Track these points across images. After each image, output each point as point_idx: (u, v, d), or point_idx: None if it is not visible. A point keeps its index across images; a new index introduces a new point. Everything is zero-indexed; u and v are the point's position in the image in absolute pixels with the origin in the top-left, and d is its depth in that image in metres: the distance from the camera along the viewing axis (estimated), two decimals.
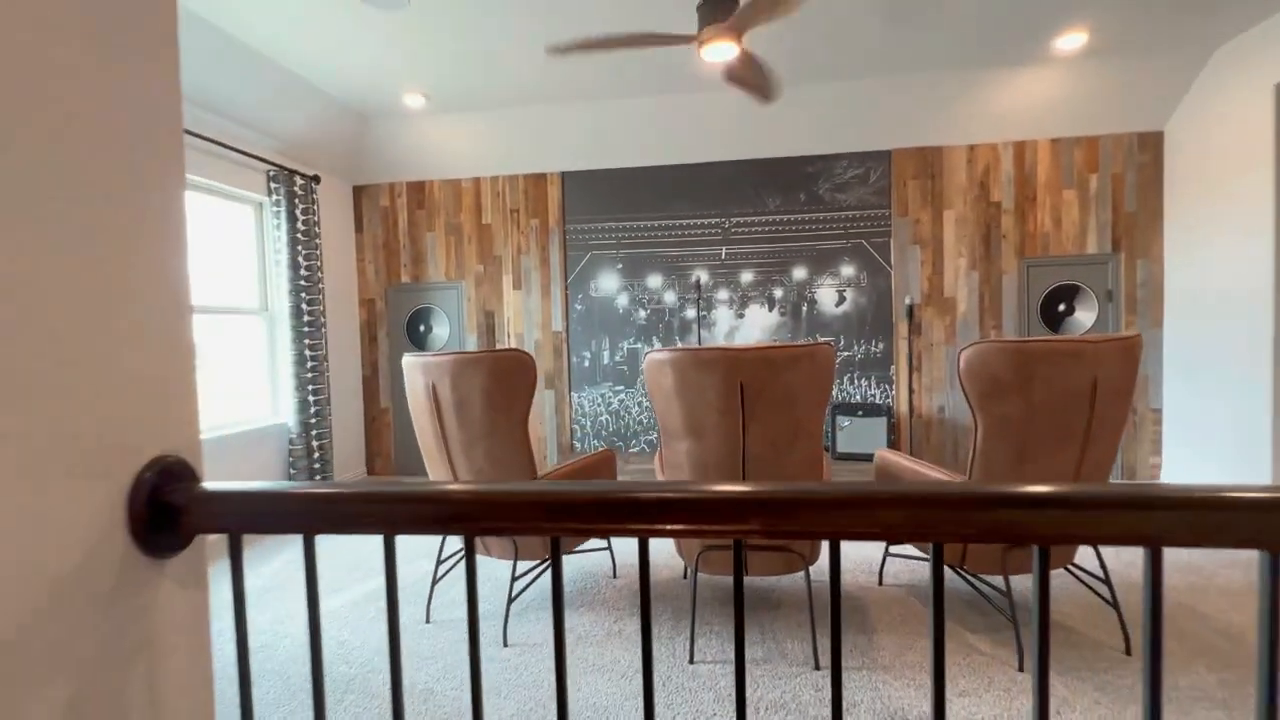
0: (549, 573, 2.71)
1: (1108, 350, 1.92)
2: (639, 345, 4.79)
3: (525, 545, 2.37)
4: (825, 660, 2.08)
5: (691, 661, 2.11)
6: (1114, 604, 2.17)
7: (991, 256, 4.37)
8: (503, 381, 2.20)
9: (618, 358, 4.81)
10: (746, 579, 2.62)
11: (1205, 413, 3.85)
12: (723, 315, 4.68)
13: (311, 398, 4.24)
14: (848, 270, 4.52)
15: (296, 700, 1.95)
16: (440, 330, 4.97)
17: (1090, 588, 2.24)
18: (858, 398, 4.54)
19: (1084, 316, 4.30)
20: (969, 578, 2.67)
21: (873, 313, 4.50)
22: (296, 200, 4.15)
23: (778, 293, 4.61)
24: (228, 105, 3.62)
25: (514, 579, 2.33)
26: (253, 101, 3.69)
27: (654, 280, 4.73)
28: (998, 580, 2.63)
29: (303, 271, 4.19)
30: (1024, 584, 2.58)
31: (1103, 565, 2.20)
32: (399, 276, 5.01)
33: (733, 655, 1.59)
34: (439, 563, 2.49)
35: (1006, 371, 1.95)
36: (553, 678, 2.02)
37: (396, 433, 5.07)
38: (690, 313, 4.71)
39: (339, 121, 4.26)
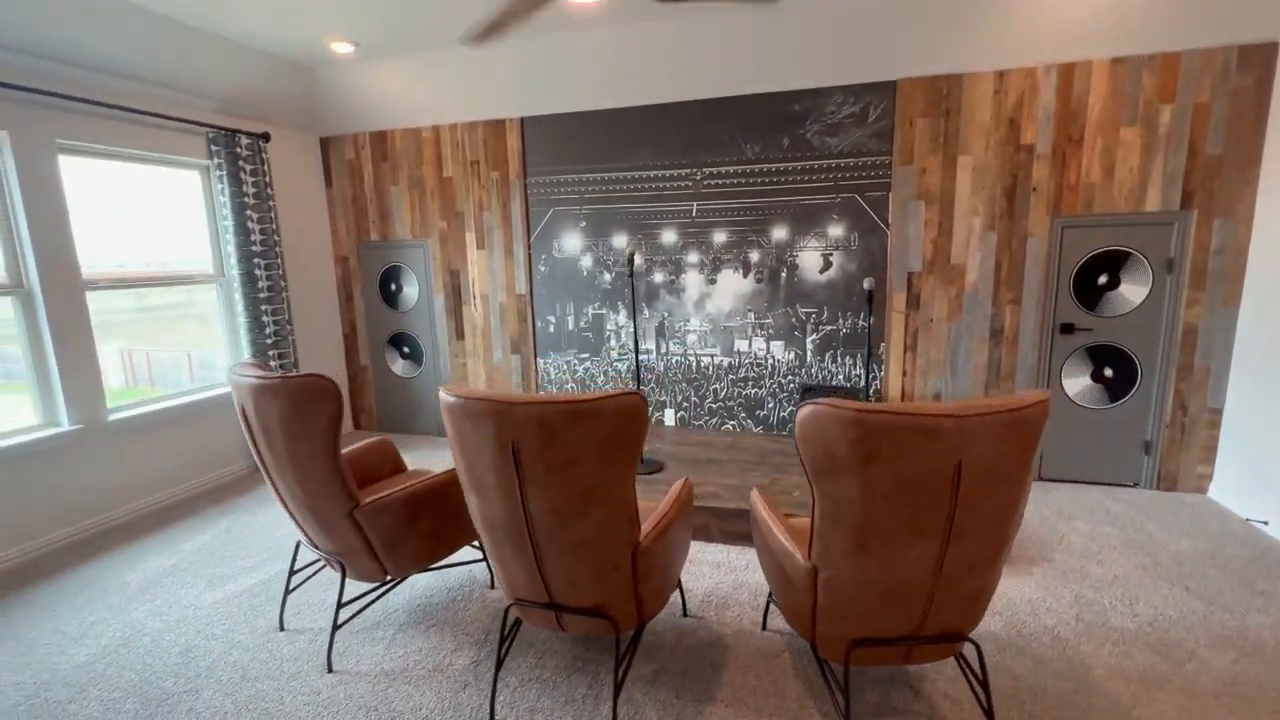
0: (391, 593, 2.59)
1: (982, 427, 1.41)
2: (604, 311, 4.43)
3: (356, 566, 2.26)
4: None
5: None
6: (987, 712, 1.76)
7: (1016, 214, 3.54)
8: (300, 410, 2.01)
9: (582, 323, 4.49)
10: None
11: (1277, 422, 3.04)
12: (693, 281, 4.20)
13: (274, 363, 4.31)
14: (836, 230, 3.86)
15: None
16: (410, 290, 4.85)
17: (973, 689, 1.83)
18: (840, 377, 4.00)
19: (1132, 292, 3.45)
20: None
21: (863, 280, 3.85)
22: (242, 162, 4.03)
23: (754, 255, 4.04)
24: (153, 74, 3.46)
25: (340, 605, 2.25)
26: (177, 66, 3.51)
27: (619, 240, 4.29)
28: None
29: (255, 235, 4.13)
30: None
31: (983, 667, 1.77)
32: (369, 234, 4.88)
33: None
34: (292, 572, 2.45)
35: (841, 445, 1.50)
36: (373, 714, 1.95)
37: (377, 391, 5.13)
38: (659, 276, 4.26)
39: (278, 75, 4.01)
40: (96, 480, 3.37)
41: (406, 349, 4.96)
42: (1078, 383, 3.61)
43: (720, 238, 4.08)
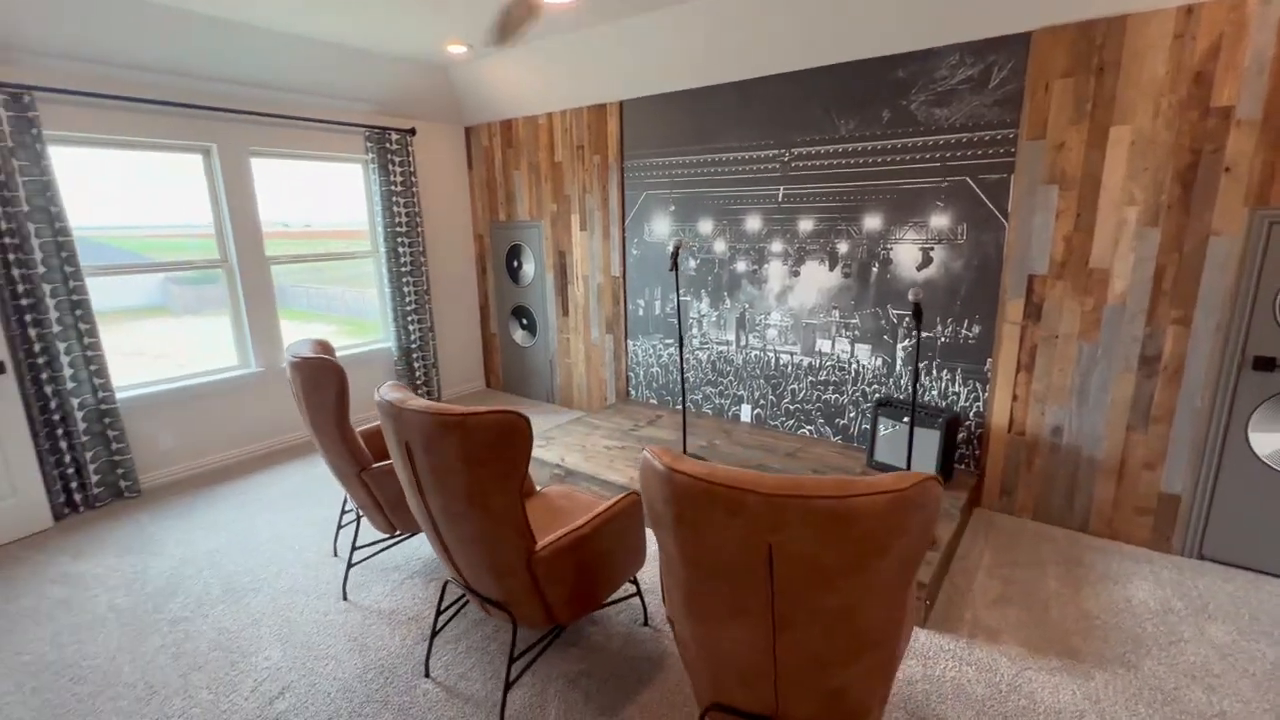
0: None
1: (794, 511, 1.19)
2: (688, 299, 4.35)
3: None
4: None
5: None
6: None
7: (1193, 205, 2.62)
8: (310, 385, 2.42)
9: (668, 309, 4.47)
10: None
11: None
12: (775, 271, 3.89)
13: (413, 328, 5.08)
14: (940, 220, 3.25)
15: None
16: (528, 267, 5.28)
17: None
18: (934, 393, 3.43)
19: None
20: None
21: (971, 281, 3.21)
22: (391, 155, 4.74)
23: (842, 247, 3.60)
24: (319, 87, 4.23)
25: (354, 547, 2.69)
26: (336, 79, 4.24)
27: (705, 225, 4.14)
28: None
29: (400, 218, 4.86)
30: None
31: None
32: (498, 214, 5.39)
33: None
34: (343, 511, 2.98)
35: (658, 500, 1.38)
36: None
37: (502, 355, 5.73)
38: (741, 265, 4.03)
39: (417, 76, 4.59)
40: (270, 413, 4.39)
41: (525, 320, 5.44)
42: (1273, 439, 2.62)
43: (806, 225, 3.70)
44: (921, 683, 2.14)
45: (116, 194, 3.68)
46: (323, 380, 2.39)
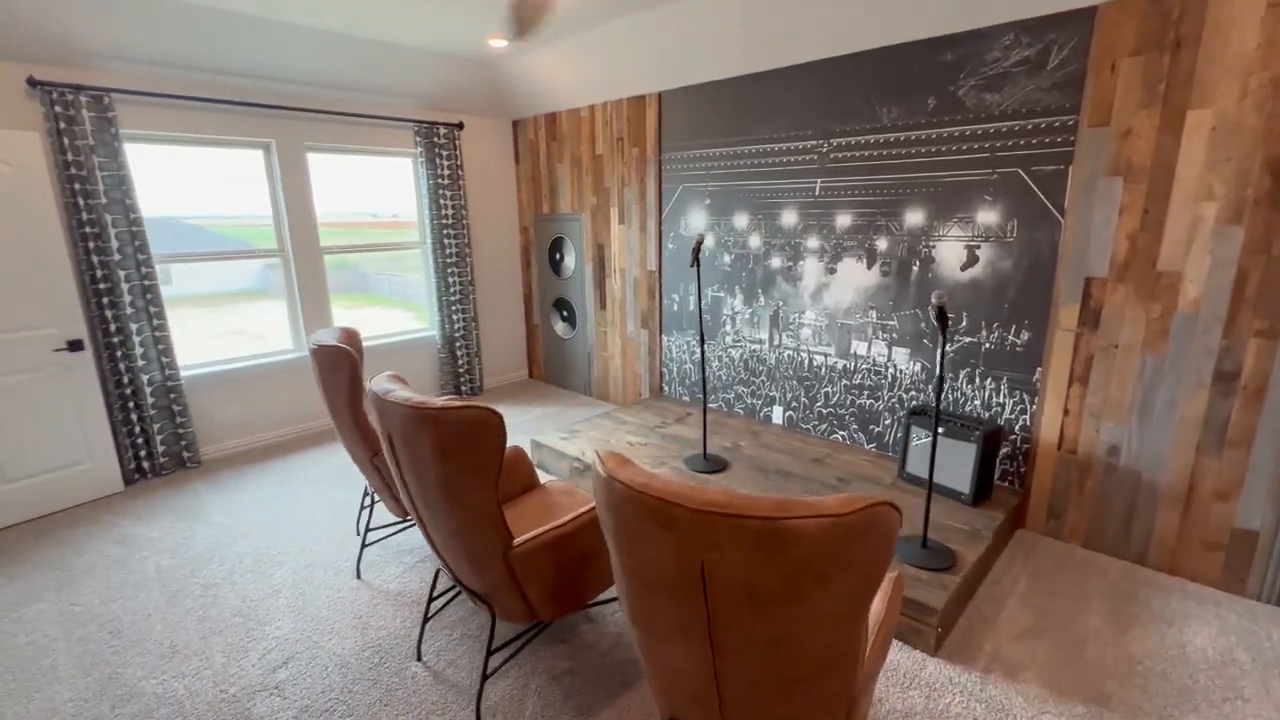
0: None
1: (725, 530, 1.11)
2: (722, 294, 4.23)
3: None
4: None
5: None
6: None
7: None
8: (327, 371, 2.53)
9: (703, 305, 4.37)
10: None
11: None
12: (811, 269, 3.72)
13: (457, 317, 5.23)
14: (988, 216, 2.99)
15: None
16: (569, 260, 5.31)
17: None
18: (977, 403, 3.17)
19: None
20: None
21: (1020, 283, 2.94)
22: (438, 149, 4.88)
23: (881, 243, 3.39)
24: (371, 84, 4.40)
25: (368, 529, 2.80)
26: (385, 76, 4.40)
27: (740, 220, 4.01)
28: None
29: (446, 210, 5.00)
30: None
31: None
32: (542, 207, 5.44)
33: None
34: (365, 493, 3.11)
35: (601, 505, 1.33)
36: None
37: (544, 346, 5.81)
38: (776, 261, 3.88)
39: (463, 71, 4.68)
40: (318, 396, 4.63)
41: (565, 313, 5.48)
42: None
43: (844, 220, 3.50)
44: (921, 716, 1.98)
45: (200, 185, 3.99)
46: (337, 366, 2.49)
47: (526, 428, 4.63)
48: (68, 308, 3.35)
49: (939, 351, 2.36)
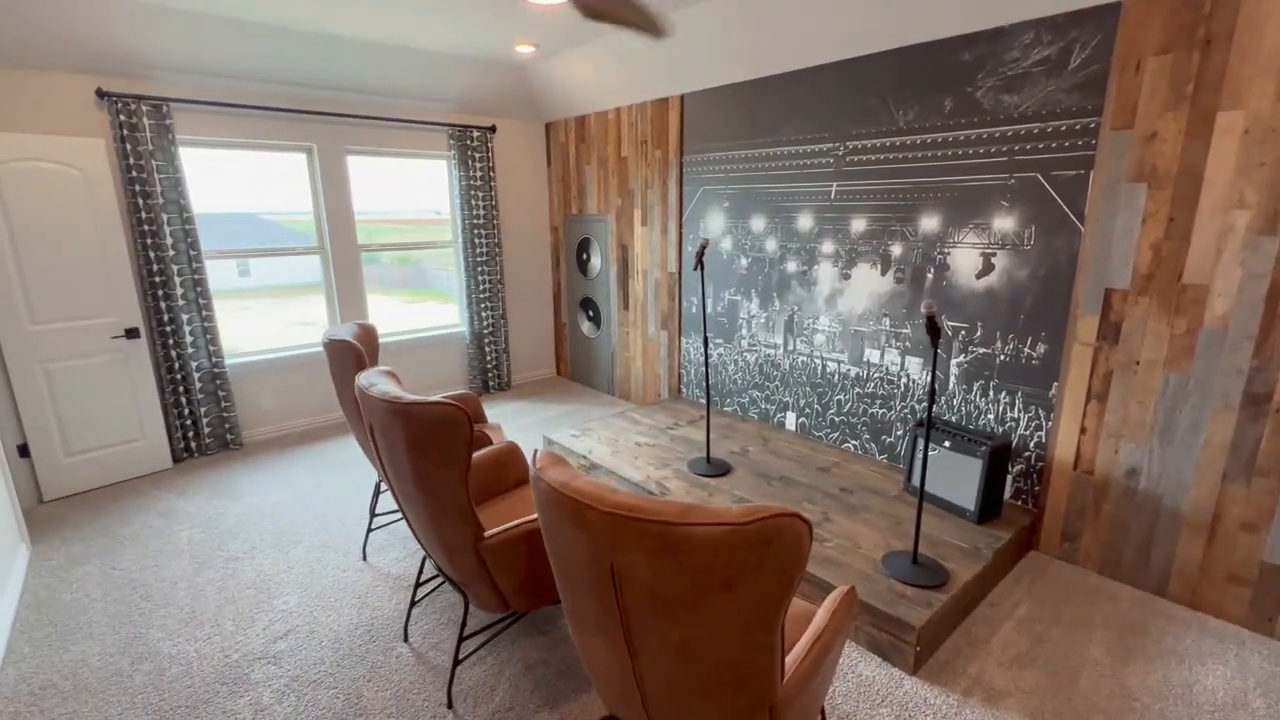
0: None
1: (629, 533, 1.14)
2: (739, 298, 4.21)
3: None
4: None
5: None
6: None
7: None
8: (336, 364, 2.69)
9: (719, 308, 4.36)
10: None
11: None
12: (825, 274, 3.66)
13: (486, 314, 5.40)
14: (1004, 223, 2.87)
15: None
16: (596, 260, 5.39)
17: None
18: (990, 417, 3.05)
19: None
20: None
21: (1037, 293, 2.81)
22: (471, 151, 5.05)
23: (895, 249, 3.30)
24: (407, 89, 4.61)
25: (374, 514, 2.95)
26: (420, 80, 4.60)
27: (757, 223, 3.98)
28: None
29: (478, 211, 5.18)
30: None
31: None
32: (571, 208, 5.55)
33: None
34: (372, 514, 3.27)
35: (535, 502, 1.39)
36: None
37: (571, 344, 5.92)
38: (792, 265, 3.83)
39: (495, 75, 4.83)
40: None
41: (591, 312, 5.57)
42: None
43: (859, 225, 3.43)
44: None
45: (267, 182, 4.30)
46: (344, 360, 2.64)
47: (545, 424, 4.74)
48: (126, 299, 3.68)
49: (932, 362, 2.29)
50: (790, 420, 4.03)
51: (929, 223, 3.13)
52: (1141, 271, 2.50)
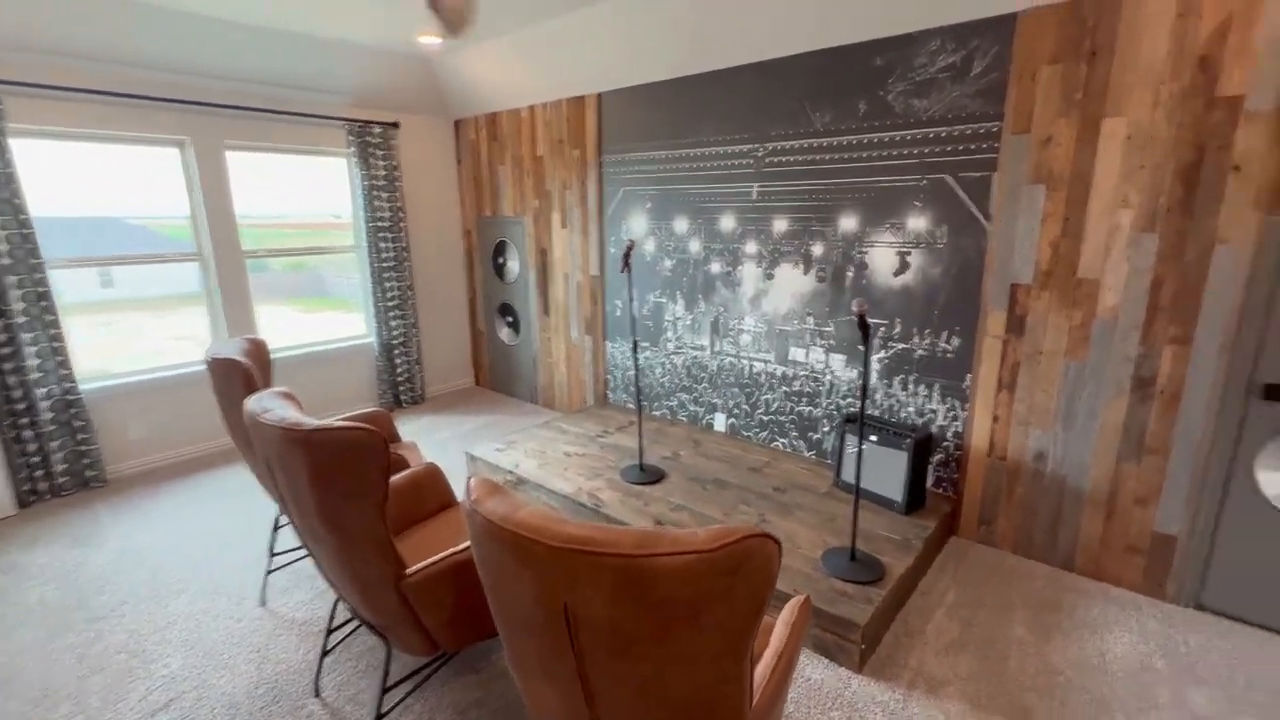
0: None
1: (585, 568, 1.01)
2: (664, 300, 4.15)
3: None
4: None
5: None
6: None
7: (1197, 208, 2.30)
8: (223, 385, 2.36)
9: (644, 311, 4.29)
10: None
11: None
12: (749, 274, 3.67)
13: (396, 323, 5.03)
14: (918, 222, 2.98)
15: None
16: (513, 263, 5.17)
17: None
18: (911, 410, 3.16)
19: None
20: None
21: (950, 290, 2.93)
22: (372, 149, 4.69)
23: (816, 249, 3.35)
24: (296, 79, 4.20)
25: (272, 554, 2.62)
26: (312, 71, 4.20)
27: (680, 224, 3.94)
28: None
29: (383, 213, 4.81)
30: None
31: None
32: (485, 209, 5.29)
33: None
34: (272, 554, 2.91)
35: (471, 538, 1.22)
36: None
37: (490, 352, 5.65)
38: (716, 266, 3.82)
39: (397, 68, 4.51)
40: None
41: (510, 318, 5.33)
42: None
43: (781, 225, 3.46)
44: None
45: (139, 184, 3.73)
46: (230, 380, 2.31)
47: (465, 439, 4.47)
48: None
49: (864, 359, 2.32)
50: (720, 421, 4.02)
51: (848, 223, 3.20)
52: (1042, 268, 2.66)
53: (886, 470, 2.96)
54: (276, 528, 2.79)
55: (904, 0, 2.72)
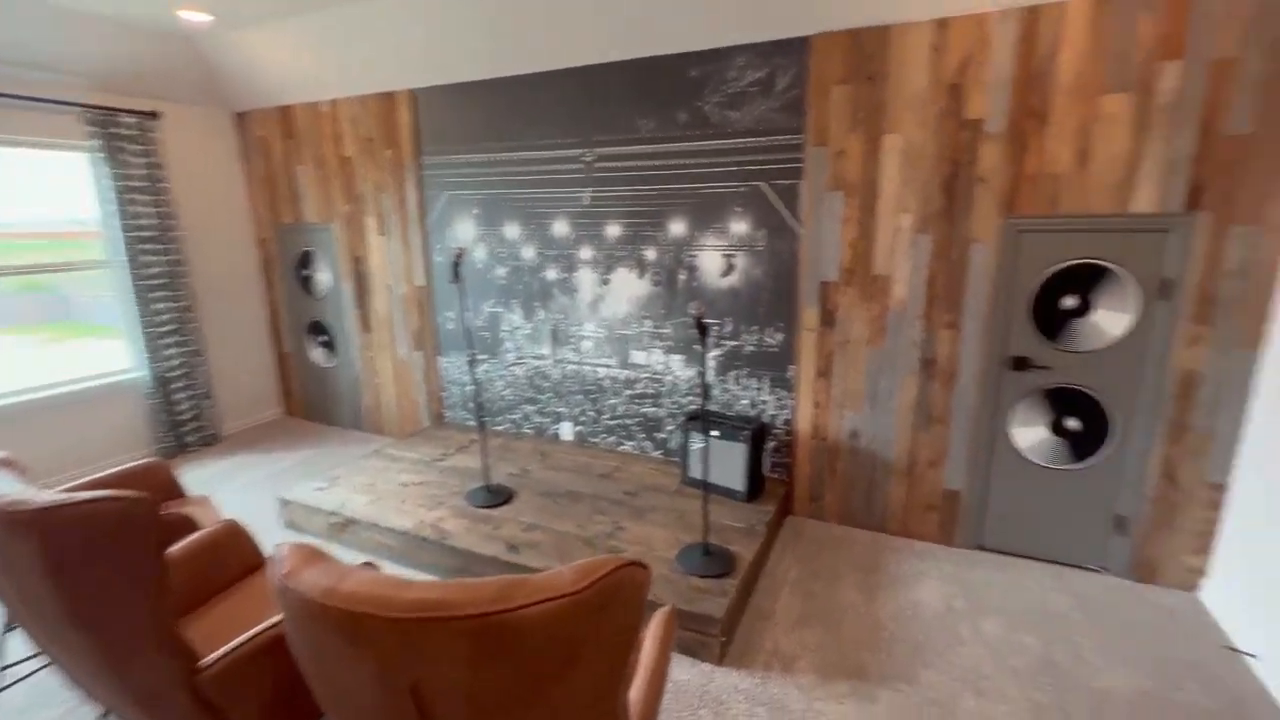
0: None
1: (441, 636, 0.87)
2: (500, 309, 3.97)
3: None
4: None
5: None
6: None
7: (956, 213, 2.72)
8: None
9: (479, 322, 4.06)
10: None
11: None
12: (586, 280, 3.64)
13: (172, 350, 4.21)
14: (739, 227, 3.16)
15: None
16: (322, 276, 4.59)
17: None
18: (745, 402, 3.35)
19: (1109, 320, 2.57)
20: None
21: (771, 289, 3.16)
22: (124, 142, 3.85)
23: (650, 253, 3.42)
24: (19, 53, 3.29)
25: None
26: (31, 44, 3.32)
27: (511, 230, 3.78)
28: None
29: (145, 220, 3.98)
30: None
31: None
32: (284, 215, 4.64)
33: None
34: None
35: (285, 617, 1.01)
36: None
37: (301, 377, 4.97)
38: (551, 273, 3.73)
39: (154, 47, 3.76)
40: None
41: (323, 337, 4.74)
42: (1032, 433, 2.79)
43: (614, 231, 3.48)
44: None
45: None
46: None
47: (276, 480, 3.87)
48: None
49: (703, 359, 2.40)
50: (566, 430, 3.94)
51: (677, 227, 3.31)
52: (845, 266, 2.97)
53: (728, 462, 3.11)
54: (6, 631, 2.16)
55: (709, 17, 2.86)
